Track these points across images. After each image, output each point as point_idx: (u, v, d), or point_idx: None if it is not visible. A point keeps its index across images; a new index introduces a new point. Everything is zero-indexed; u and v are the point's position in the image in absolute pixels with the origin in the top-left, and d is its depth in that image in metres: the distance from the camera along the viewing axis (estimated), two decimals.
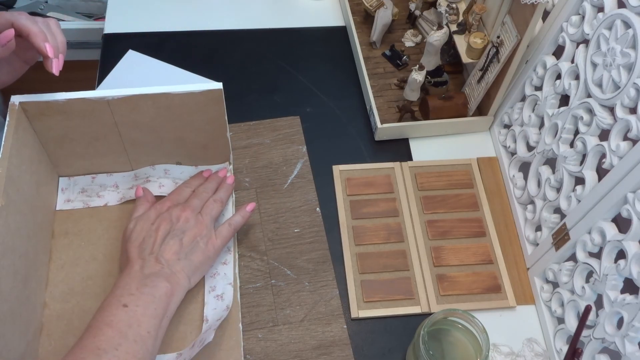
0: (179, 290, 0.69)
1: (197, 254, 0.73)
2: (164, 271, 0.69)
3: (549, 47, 0.80)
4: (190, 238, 0.73)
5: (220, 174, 0.82)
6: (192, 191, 0.79)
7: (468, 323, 0.68)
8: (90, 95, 0.71)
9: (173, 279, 0.69)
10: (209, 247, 0.74)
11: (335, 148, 0.91)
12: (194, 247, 0.73)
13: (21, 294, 0.67)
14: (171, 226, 0.73)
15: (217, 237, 0.75)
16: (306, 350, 0.74)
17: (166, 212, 0.75)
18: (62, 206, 0.81)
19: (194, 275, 0.72)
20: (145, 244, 0.72)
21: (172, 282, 0.69)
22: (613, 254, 0.66)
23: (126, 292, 0.66)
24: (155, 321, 0.65)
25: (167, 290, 0.68)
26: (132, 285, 0.67)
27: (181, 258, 0.71)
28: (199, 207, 0.77)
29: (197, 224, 0.74)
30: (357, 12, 1.03)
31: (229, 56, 0.99)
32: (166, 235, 0.72)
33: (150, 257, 0.70)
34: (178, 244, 0.72)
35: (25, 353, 0.67)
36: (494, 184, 0.88)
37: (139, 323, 0.64)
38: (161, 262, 0.70)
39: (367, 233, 0.83)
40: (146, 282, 0.67)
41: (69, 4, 1.28)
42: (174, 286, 0.69)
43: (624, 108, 0.66)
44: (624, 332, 0.63)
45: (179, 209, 0.75)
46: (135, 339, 0.63)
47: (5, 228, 0.63)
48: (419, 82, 0.87)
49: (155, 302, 0.66)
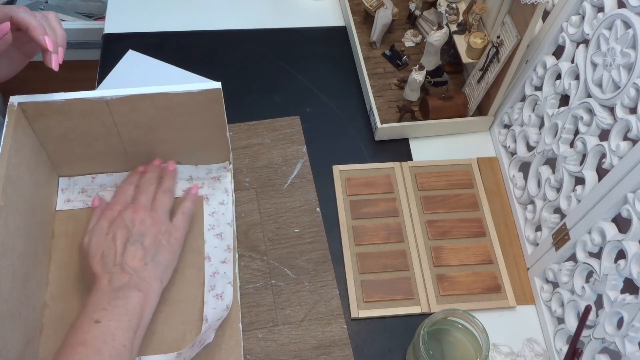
0: (152, 296, 0.68)
1: (163, 254, 0.71)
2: (134, 280, 0.68)
3: (549, 47, 0.80)
4: (151, 239, 0.71)
5: (155, 163, 0.81)
6: (134, 187, 0.77)
7: (468, 323, 0.68)
8: (89, 96, 0.71)
9: (144, 286, 0.68)
10: (172, 242, 0.73)
11: (335, 148, 0.91)
12: (158, 247, 0.71)
13: (21, 294, 0.67)
14: (128, 232, 0.71)
15: (176, 230, 0.74)
16: (306, 350, 0.74)
17: (119, 218, 0.72)
18: (62, 206, 0.81)
19: (165, 274, 0.72)
20: (107, 257, 0.69)
21: (144, 290, 0.67)
22: (613, 254, 0.66)
23: (98, 308, 0.65)
24: (130, 333, 0.64)
25: (139, 299, 0.66)
26: (103, 300, 0.65)
27: (148, 262, 0.70)
28: (149, 203, 0.74)
29: (154, 223, 0.72)
30: (357, 12, 1.03)
31: (229, 56, 0.99)
32: (126, 242, 0.70)
33: (116, 268, 0.68)
34: (141, 249, 0.70)
35: (25, 353, 0.67)
36: (494, 184, 0.88)
37: (114, 337, 0.63)
38: (128, 272, 0.68)
39: (367, 233, 0.83)
40: (117, 294, 0.66)
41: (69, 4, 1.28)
42: (147, 293, 0.68)
43: (624, 108, 0.66)
44: (624, 332, 0.63)
45: (130, 211, 0.73)
46: (111, 354, 0.61)
47: (5, 228, 0.63)
48: (419, 82, 0.87)
49: (129, 313, 0.65)
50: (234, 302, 0.75)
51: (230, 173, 0.85)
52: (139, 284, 0.68)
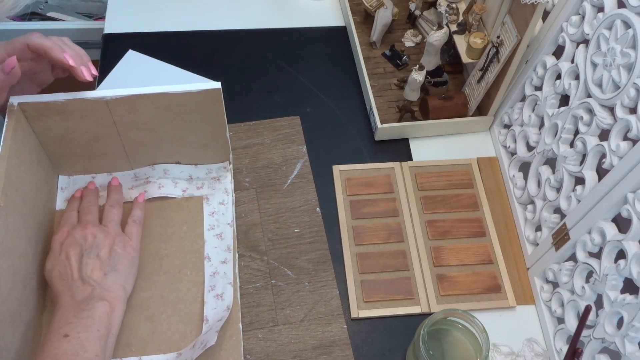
0: (117, 304, 0.68)
1: (121, 262, 0.72)
2: (97, 291, 0.68)
3: (549, 47, 0.80)
4: (106, 250, 0.71)
5: (90, 187, 0.81)
6: (76, 213, 0.77)
7: (468, 323, 0.68)
8: (89, 96, 0.71)
9: (109, 296, 0.68)
10: (129, 250, 0.73)
11: (335, 148, 0.91)
12: (115, 256, 0.71)
13: (21, 295, 0.67)
14: (80, 247, 0.71)
15: (130, 238, 0.75)
16: (306, 350, 0.74)
17: (68, 238, 0.72)
18: (62, 205, 0.81)
19: (127, 282, 0.72)
20: (64, 275, 0.69)
21: (108, 299, 0.67)
22: (613, 254, 0.66)
23: (64, 323, 0.65)
24: (100, 343, 0.64)
25: (105, 308, 0.66)
26: (68, 314, 0.65)
27: (107, 272, 0.70)
28: (96, 220, 0.75)
29: (106, 235, 0.72)
30: (357, 12, 1.03)
31: (229, 56, 0.99)
32: (80, 257, 0.70)
33: (76, 283, 0.68)
34: (97, 260, 0.70)
35: (25, 354, 0.67)
36: (494, 184, 0.88)
37: (85, 349, 0.62)
38: (90, 284, 0.68)
39: (367, 233, 0.83)
40: (82, 307, 0.66)
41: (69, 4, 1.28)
42: (112, 302, 0.68)
43: (624, 108, 0.66)
44: (624, 332, 0.63)
45: (79, 228, 0.73)
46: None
47: (5, 229, 0.63)
48: (419, 82, 0.87)
49: (96, 323, 0.65)
50: (234, 302, 0.75)
51: (230, 173, 0.85)
52: (103, 294, 0.68)
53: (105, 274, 0.70)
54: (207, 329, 0.72)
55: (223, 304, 0.74)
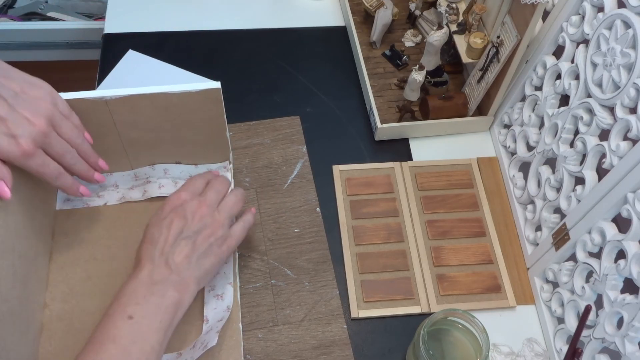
0: (186, 297, 0.66)
1: (209, 258, 0.69)
2: (173, 278, 0.65)
3: (549, 47, 0.80)
4: (203, 239, 0.68)
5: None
6: (206, 183, 0.74)
7: (468, 323, 0.68)
8: (89, 95, 0.71)
9: (182, 287, 0.66)
10: (223, 249, 0.70)
11: (335, 148, 0.91)
12: (207, 250, 0.68)
13: (21, 295, 0.67)
14: (185, 223, 0.68)
15: (232, 238, 0.71)
16: (306, 350, 0.74)
17: (181, 207, 0.69)
18: (61, 206, 0.81)
19: (203, 278, 0.69)
20: (155, 242, 0.67)
21: (180, 291, 0.65)
22: (613, 254, 0.66)
23: (132, 301, 0.63)
24: (160, 335, 0.62)
25: (174, 300, 0.65)
26: (139, 292, 0.64)
27: (192, 262, 0.67)
28: (216, 202, 0.71)
29: (213, 223, 0.69)
30: (357, 12, 1.03)
31: (229, 56, 0.99)
32: (179, 233, 0.68)
33: (160, 259, 0.66)
34: (190, 246, 0.67)
35: (25, 354, 0.67)
36: (494, 184, 0.88)
37: (144, 338, 0.61)
38: (170, 267, 0.66)
39: (367, 233, 0.83)
40: (154, 290, 0.64)
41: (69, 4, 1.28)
42: (183, 295, 0.66)
43: (624, 108, 0.66)
44: (624, 332, 0.63)
45: (195, 203, 0.70)
46: (139, 357, 0.60)
47: (5, 228, 0.63)
48: (419, 82, 0.87)
49: (161, 313, 0.63)
50: (234, 302, 0.75)
51: (230, 173, 0.85)
52: (178, 283, 0.66)
53: (189, 263, 0.67)
54: (207, 329, 0.72)
55: (223, 304, 0.74)
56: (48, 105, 0.64)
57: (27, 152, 0.62)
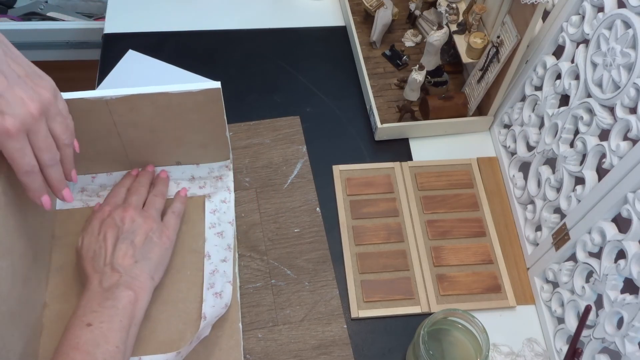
0: (143, 294, 0.68)
1: (154, 250, 0.72)
2: (124, 279, 0.67)
3: (549, 47, 0.80)
4: (141, 237, 0.71)
5: (149, 169, 0.82)
6: (126, 190, 0.78)
7: (468, 323, 0.68)
8: (89, 95, 0.71)
9: (135, 284, 0.68)
10: (164, 240, 0.73)
11: (335, 148, 0.91)
12: (149, 244, 0.71)
13: (21, 295, 0.67)
14: (118, 230, 0.71)
15: (167, 228, 0.75)
16: (306, 350, 0.74)
17: (109, 218, 0.73)
18: (61, 206, 0.81)
19: (156, 272, 0.72)
20: (98, 257, 0.70)
21: (134, 288, 0.67)
22: (613, 254, 0.66)
23: (88, 311, 0.65)
24: (122, 334, 0.64)
25: (130, 298, 0.66)
26: (93, 302, 0.66)
27: (138, 260, 0.70)
28: (140, 204, 0.75)
29: (145, 220, 0.73)
30: (357, 12, 1.03)
31: (229, 56, 0.99)
32: (116, 240, 0.70)
33: (106, 268, 0.68)
34: (131, 246, 0.70)
35: (25, 354, 0.66)
36: (494, 184, 0.88)
37: (107, 340, 0.63)
38: (119, 271, 0.68)
39: (367, 233, 0.83)
40: (107, 295, 0.66)
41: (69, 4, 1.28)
42: (138, 292, 0.67)
43: (624, 108, 0.66)
44: (624, 332, 0.63)
45: (120, 210, 0.73)
46: (105, 357, 0.62)
47: (5, 228, 0.63)
48: (419, 82, 0.87)
49: (119, 313, 0.65)
50: (234, 301, 0.75)
51: (231, 173, 0.85)
52: (130, 282, 0.68)
53: (136, 262, 0.70)
54: (204, 326, 0.72)
55: (221, 302, 0.74)
56: (48, 95, 0.62)
57: (9, 132, 0.57)
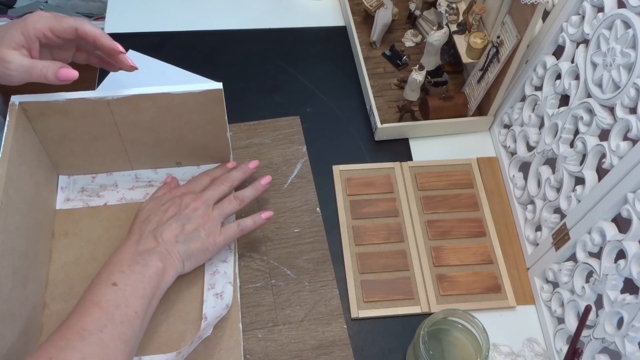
0: (171, 270, 0.69)
1: (195, 243, 0.72)
2: (159, 249, 0.69)
3: (549, 47, 0.80)
4: (192, 226, 0.72)
5: (251, 165, 0.81)
6: (210, 180, 0.79)
7: (468, 323, 0.68)
8: (90, 95, 0.71)
9: (167, 258, 0.69)
10: (209, 240, 0.73)
11: (335, 148, 0.91)
12: (194, 235, 0.72)
13: (21, 295, 0.67)
14: (178, 211, 0.73)
15: (221, 234, 0.74)
16: (306, 350, 0.74)
17: (178, 198, 0.75)
18: (62, 205, 0.81)
19: (189, 261, 0.72)
20: (149, 221, 0.72)
21: (165, 262, 0.69)
22: (613, 254, 0.66)
23: (117, 269, 0.66)
24: (144, 301, 0.65)
25: (158, 269, 0.68)
26: (124, 261, 0.67)
27: (179, 241, 0.71)
28: (212, 200, 0.75)
29: (204, 215, 0.73)
30: (357, 12, 1.03)
31: (229, 56, 0.99)
32: (171, 218, 0.72)
33: (150, 234, 0.71)
34: (179, 228, 0.72)
35: (25, 354, 0.67)
36: (494, 184, 0.88)
37: (127, 303, 0.64)
38: (158, 240, 0.70)
39: (367, 233, 0.83)
40: (138, 259, 0.68)
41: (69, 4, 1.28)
42: (167, 265, 0.69)
43: (624, 108, 0.66)
44: (624, 332, 0.63)
45: (191, 197, 0.74)
46: (122, 320, 0.63)
47: (5, 228, 0.64)
48: (419, 82, 0.87)
49: (145, 281, 0.66)
50: (234, 301, 0.75)
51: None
52: (163, 254, 0.69)
53: (176, 242, 0.71)
54: (204, 326, 0.72)
55: (222, 303, 0.74)
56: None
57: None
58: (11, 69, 0.65)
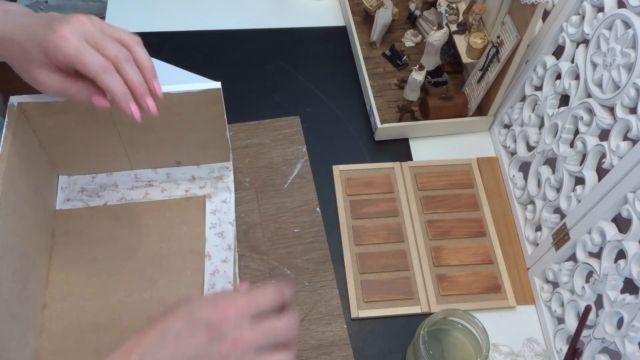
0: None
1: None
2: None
3: (549, 47, 0.80)
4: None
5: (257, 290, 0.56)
6: (257, 309, 0.54)
7: (468, 323, 0.68)
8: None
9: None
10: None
11: (335, 148, 0.91)
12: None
13: (21, 294, 0.67)
14: (205, 350, 0.51)
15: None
16: (306, 350, 0.74)
17: (216, 329, 0.51)
18: (62, 205, 0.81)
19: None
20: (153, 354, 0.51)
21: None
22: (613, 254, 0.66)
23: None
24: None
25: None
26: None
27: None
28: (258, 344, 0.52)
29: (234, 347, 0.51)
30: (357, 12, 1.03)
31: (229, 56, 0.99)
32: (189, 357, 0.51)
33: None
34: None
35: (25, 354, 0.67)
36: (494, 184, 0.88)
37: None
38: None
39: (367, 233, 0.83)
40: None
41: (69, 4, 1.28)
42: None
43: (624, 108, 0.66)
44: (624, 332, 0.63)
45: (236, 334, 0.52)
46: None
47: (5, 228, 0.63)
48: (419, 82, 0.87)
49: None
50: None
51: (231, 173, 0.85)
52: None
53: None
54: None
55: None
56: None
57: (65, 37, 0.58)
58: (44, 90, 0.63)
